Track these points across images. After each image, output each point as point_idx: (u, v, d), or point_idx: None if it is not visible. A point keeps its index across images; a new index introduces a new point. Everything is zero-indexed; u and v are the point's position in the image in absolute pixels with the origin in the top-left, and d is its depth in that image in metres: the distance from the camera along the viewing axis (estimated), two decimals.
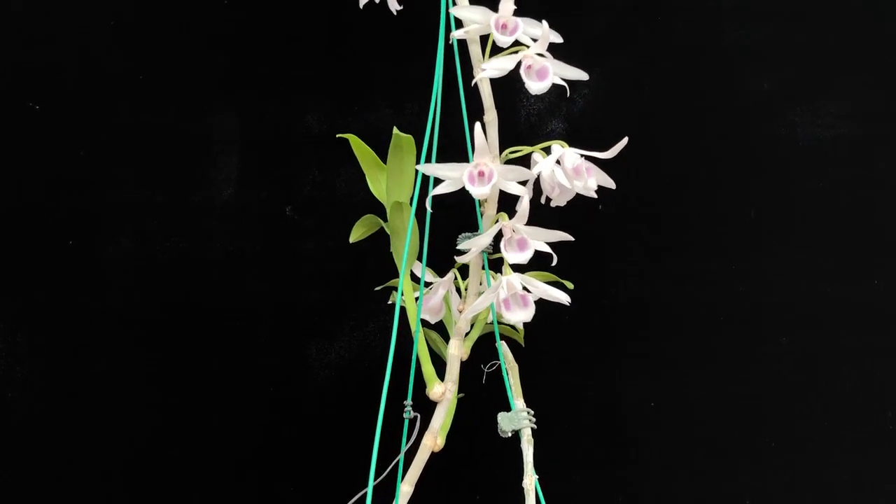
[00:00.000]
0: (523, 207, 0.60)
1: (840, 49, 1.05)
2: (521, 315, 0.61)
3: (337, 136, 0.71)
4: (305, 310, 1.03)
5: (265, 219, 1.03)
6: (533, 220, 0.63)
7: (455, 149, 0.70)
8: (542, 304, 0.63)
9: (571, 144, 0.63)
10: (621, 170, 1.04)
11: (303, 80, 1.03)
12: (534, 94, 0.60)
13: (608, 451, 1.04)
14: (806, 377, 1.05)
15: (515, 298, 0.60)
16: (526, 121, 1.05)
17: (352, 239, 0.71)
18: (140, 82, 1.02)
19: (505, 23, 0.59)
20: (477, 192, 0.60)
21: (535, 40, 0.61)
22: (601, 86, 1.04)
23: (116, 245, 1.01)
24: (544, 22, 0.60)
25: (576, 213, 1.03)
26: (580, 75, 0.61)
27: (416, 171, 0.65)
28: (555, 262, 0.62)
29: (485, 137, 0.60)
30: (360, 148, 0.69)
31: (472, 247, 0.63)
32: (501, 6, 0.60)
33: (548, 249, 0.61)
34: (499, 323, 0.68)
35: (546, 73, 0.60)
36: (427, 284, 0.72)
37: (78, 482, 1.00)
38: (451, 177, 0.61)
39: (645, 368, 1.04)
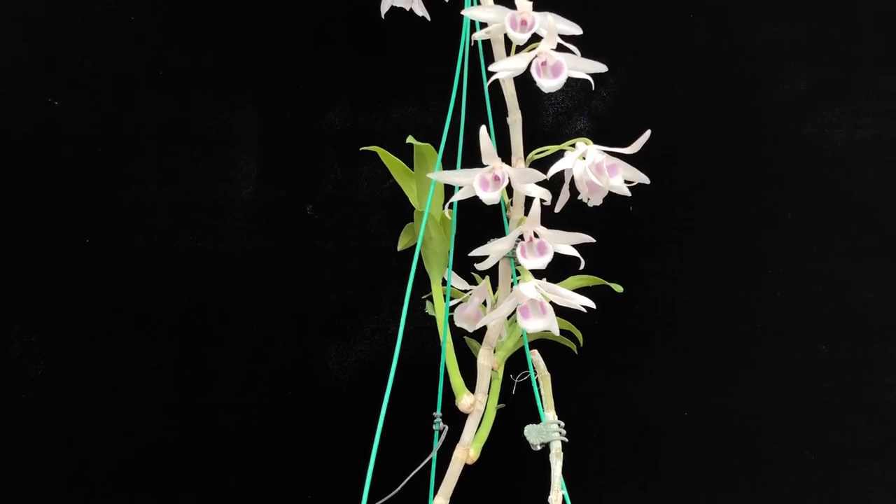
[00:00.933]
0: (534, 210, 0.58)
1: (877, 47, 1.02)
2: (539, 323, 0.58)
3: (361, 149, 0.69)
4: (325, 311, 1.01)
5: (286, 218, 1.01)
6: (565, 224, 0.60)
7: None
8: (571, 309, 0.60)
9: (599, 143, 0.61)
10: (653, 170, 1.03)
11: (326, 77, 1.01)
12: (546, 91, 0.57)
13: (641, 465, 1.01)
14: (847, 388, 1.01)
15: (534, 306, 0.57)
16: (554, 119, 1.02)
17: (399, 247, 0.69)
18: (160, 78, 1.00)
19: (524, 19, 0.57)
20: (487, 197, 0.57)
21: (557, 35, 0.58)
22: (631, 83, 1.01)
23: (133, 243, 0.99)
24: (549, 15, 0.57)
25: (605, 215, 1.01)
26: (598, 68, 0.58)
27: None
28: (582, 266, 0.61)
29: (491, 141, 0.58)
30: (388, 159, 0.68)
31: (489, 253, 0.60)
32: (518, 2, 0.57)
33: (573, 252, 0.59)
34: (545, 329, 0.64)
35: (560, 69, 0.57)
36: (465, 292, 0.70)
37: (92, 483, 0.98)
38: (464, 183, 0.59)
39: (679, 377, 1.01)
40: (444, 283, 0.68)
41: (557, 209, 0.63)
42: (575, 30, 0.59)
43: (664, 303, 1.01)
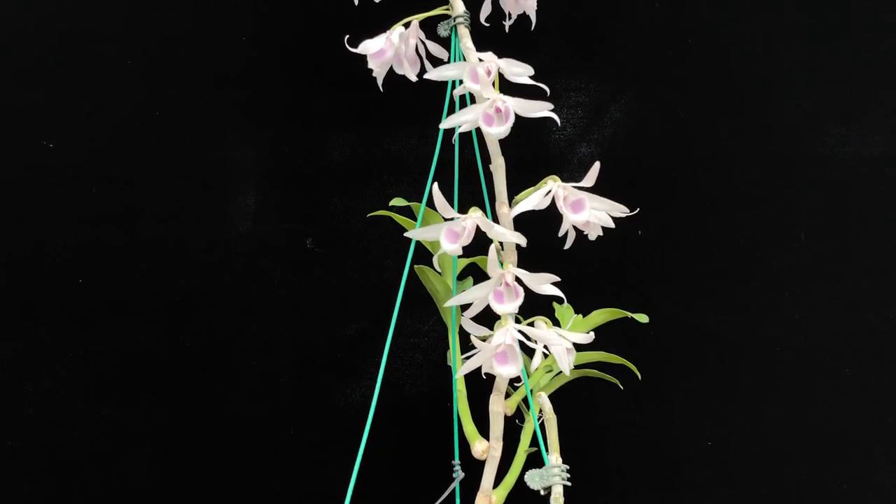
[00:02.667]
0: (491, 254, 0.58)
1: (882, 65, 1.00)
2: (511, 369, 0.58)
3: (368, 215, 0.69)
4: (328, 346, 0.98)
5: (285, 252, 0.99)
6: (576, 252, 0.59)
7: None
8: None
9: (603, 169, 0.60)
10: (662, 194, 1.01)
11: (324, 111, 0.99)
12: (495, 137, 0.59)
13: (665, 498, 0.97)
14: (874, 413, 0.97)
15: (511, 351, 0.57)
16: (555, 146, 1.01)
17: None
18: (156, 118, 0.98)
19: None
20: (451, 248, 0.59)
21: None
22: (635, 108, 1.00)
23: (130, 281, 0.97)
24: (483, 65, 0.59)
25: (614, 240, 0.98)
26: (543, 110, 0.59)
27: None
28: (564, 304, 0.61)
29: (442, 196, 0.59)
30: (403, 221, 0.69)
31: (470, 300, 0.60)
32: (483, 92, 0.57)
33: (556, 291, 0.59)
34: (606, 352, 0.66)
35: (509, 115, 0.58)
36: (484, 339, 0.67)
37: None
38: (431, 237, 0.61)
39: (699, 404, 0.98)
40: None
41: (567, 246, 0.63)
42: (527, 71, 0.60)
43: (679, 328, 0.98)
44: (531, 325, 0.64)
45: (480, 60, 0.61)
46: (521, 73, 0.60)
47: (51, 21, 0.97)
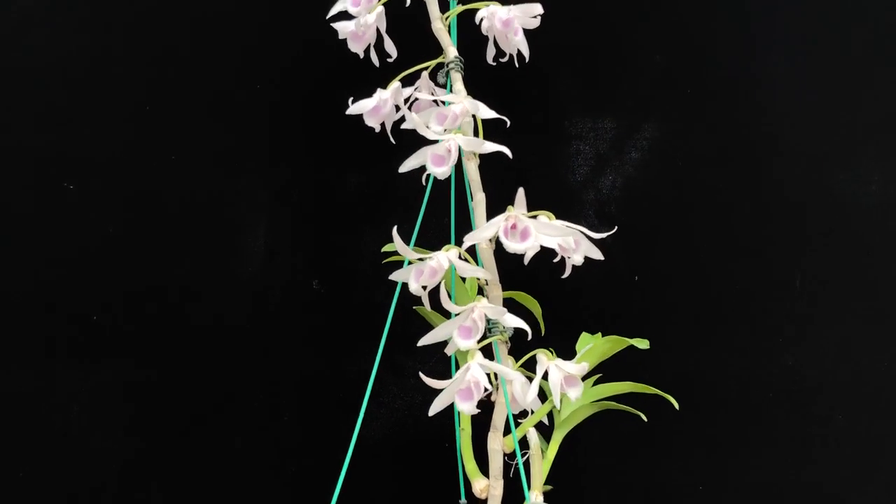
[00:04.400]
0: (442, 294, 0.61)
1: (880, 111, 1.02)
2: (467, 406, 0.60)
3: (384, 261, 0.71)
4: (331, 385, 0.98)
5: (292, 292, 0.99)
6: (569, 291, 0.63)
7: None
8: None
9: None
10: (659, 237, 1.02)
11: (329, 150, 1.00)
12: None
13: None
14: (869, 461, 0.97)
15: (477, 388, 0.59)
16: (574, 177, 1.02)
17: None
18: (171, 161, 0.99)
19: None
20: (414, 287, 0.62)
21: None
22: (650, 145, 1.02)
23: (140, 319, 0.97)
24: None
25: (609, 285, 0.99)
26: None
27: None
28: (529, 338, 0.63)
29: (400, 239, 0.62)
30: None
31: (435, 339, 0.63)
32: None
33: (521, 324, 0.62)
34: (634, 382, 0.67)
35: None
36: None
37: None
38: (403, 279, 0.65)
39: (692, 450, 0.98)
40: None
41: (566, 275, 0.65)
42: (491, 114, 0.65)
43: (673, 373, 0.98)
44: (532, 357, 0.65)
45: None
46: (488, 114, 0.64)
47: (68, 64, 0.99)
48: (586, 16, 1.03)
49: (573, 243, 0.64)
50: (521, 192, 0.61)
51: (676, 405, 0.67)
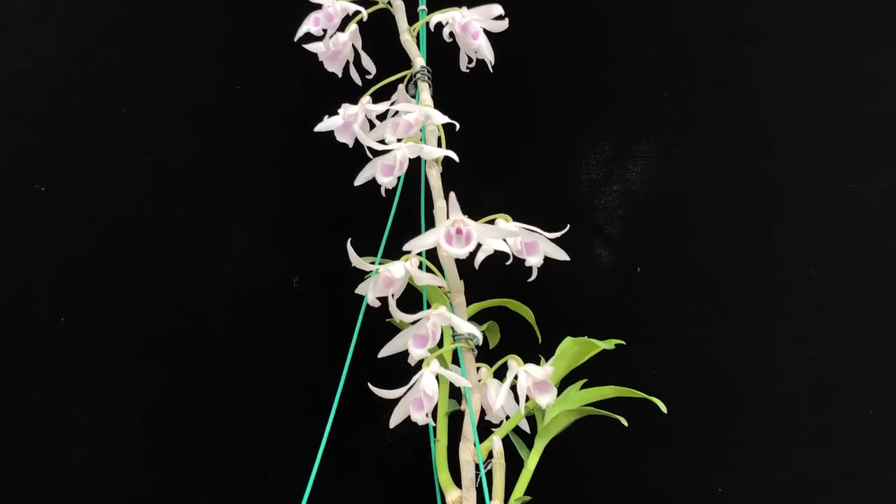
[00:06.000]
0: (391, 307, 0.62)
1: (889, 106, 0.98)
2: (419, 416, 0.61)
3: (387, 319, 0.69)
4: (313, 390, 0.95)
5: (271, 291, 0.98)
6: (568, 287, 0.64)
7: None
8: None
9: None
10: (666, 229, 1.00)
11: (312, 150, 0.96)
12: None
13: None
14: None
15: (427, 399, 0.60)
16: (587, 184, 1.01)
17: None
18: (148, 162, 0.99)
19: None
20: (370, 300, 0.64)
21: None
22: (658, 151, 1.00)
23: (114, 322, 0.96)
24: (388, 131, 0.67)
25: (613, 276, 0.97)
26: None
27: None
28: (492, 346, 0.64)
29: (354, 252, 0.64)
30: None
31: (394, 350, 0.64)
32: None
33: (474, 331, 0.62)
34: (619, 387, 0.66)
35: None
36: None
37: None
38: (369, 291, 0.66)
39: (708, 450, 0.94)
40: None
41: (531, 279, 0.66)
42: (444, 119, 0.66)
43: (684, 368, 0.95)
44: (504, 364, 0.64)
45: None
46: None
47: (51, 69, 1.00)
48: (585, 27, 1.03)
49: (520, 244, 0.63)
50: (452, 195, 0.60)
51: (664, 408, 0.65)
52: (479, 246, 0.61)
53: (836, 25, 1.01)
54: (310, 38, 0.74)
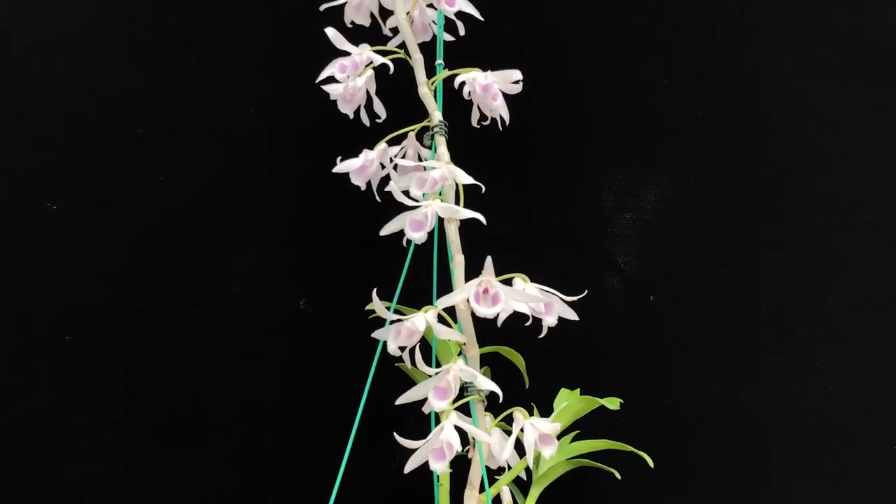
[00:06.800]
0: (418, 360, 0.64)
1: None
2: (440, 466, 0.62)
3: (396, 364, 0.72)
4: (316, 413, 0.96)
5: (278, 313, 0.98)
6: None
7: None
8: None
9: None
10: (680, 257, 1.00)
11: (317, 175, 0.93)
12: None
13: None
14: None
15: (449, 448, 0.62)
16: (600, 212, 1.01)
17: None
18: (158, 182, 0.99)
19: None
20: (392, 349, 0.66)
21: None
22: (672, 180, 1.00)
23: (117, 340, 0.96)
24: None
25: (624, 305, 0.98)
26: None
27: None
28: (500, 400, 0.63)
29: (380, 303, 0.66)
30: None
31: (417, 397, 0.66)
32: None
33: (494, 388, 0.63)
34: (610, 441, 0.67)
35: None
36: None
37: None
38: (384, 336, 0.68)
39: (721, 484, 0.94)
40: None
41: (542, 335, 0.68)
42: (469, 179, 0.68)
43: (698, 399, 0.95)
44: (510, 415, 0.67)
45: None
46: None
47: (61, 87, 0.99)
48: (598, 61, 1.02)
49: (543, 308, 0.66)
50: (489, 260, 0.63)
51: (651, 463, 0.66)
52: None
53: (854, 56, 0.99)
54: (328, 77, 0.76)
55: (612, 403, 0.66)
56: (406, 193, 0.68)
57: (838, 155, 0.98)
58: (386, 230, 0.70)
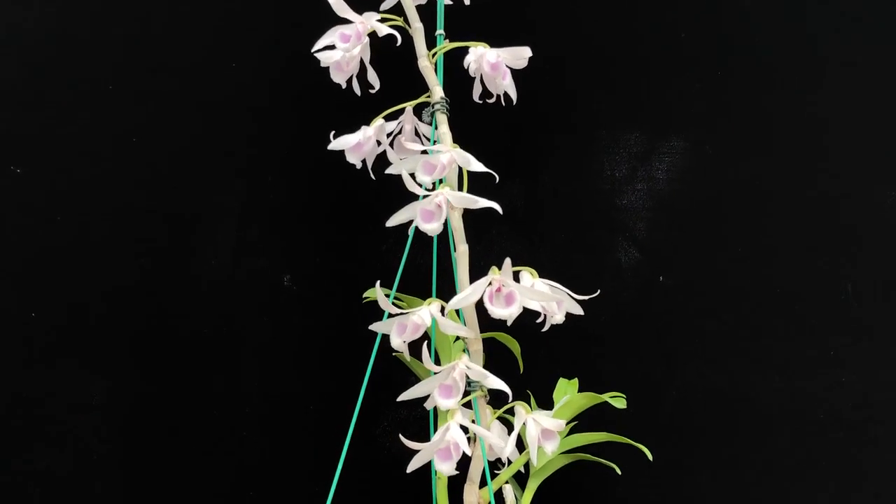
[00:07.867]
0: (424, 357, 0.61)
1: None
2: (445, 467, 0.61)
3: (393, 354, 0.68)
4: (302, 396, 0.93)
5: (260, 290, 0.94)
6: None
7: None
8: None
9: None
10: (693, 234, 0.96)
11: (308, 153, 0.94)
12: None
13: None
14: None
15: (456, 449, 0.61)
16: (609, 182, 0.97)
17: None
18: (132, 145, 0.94)
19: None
20: (396, 343, 0.63)
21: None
22: (688, 147, 0.96)
23: (96, 319, 0.92)
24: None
25: (632, 288, 0.95)
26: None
27: None
28: (511, 398, 0.61)
29: (384, 295, 0.63)
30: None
31: (421, 394, 0.63)
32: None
33: (503, 387, 0.61)
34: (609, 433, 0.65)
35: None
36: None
37: None
38: (385, 329, 0.66)
39: (728, 479, 0.92)
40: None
41: (545, 330, 0.66)
42: (480, 167, 0.65)
43: (705, 389, 0.93)
44: (511, 410, 0.64)
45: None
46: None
47: (41, 45, 0.94)
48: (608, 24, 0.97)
49: (556, 305, 0.64)
50: (507, 261, 0.60)
51: (650, 456, 0.65)
52: None
53: (889, 14, 0.94)
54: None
55: (619, 402, 0.64)
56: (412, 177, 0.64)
57: (868, 127, 0.94)
58: (393, 221, 0.65)
